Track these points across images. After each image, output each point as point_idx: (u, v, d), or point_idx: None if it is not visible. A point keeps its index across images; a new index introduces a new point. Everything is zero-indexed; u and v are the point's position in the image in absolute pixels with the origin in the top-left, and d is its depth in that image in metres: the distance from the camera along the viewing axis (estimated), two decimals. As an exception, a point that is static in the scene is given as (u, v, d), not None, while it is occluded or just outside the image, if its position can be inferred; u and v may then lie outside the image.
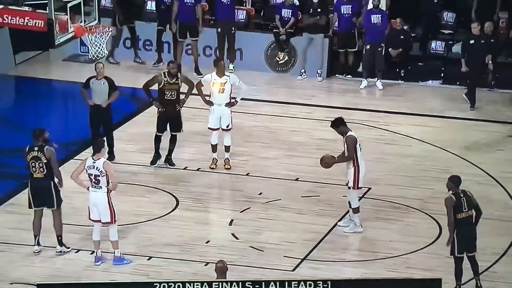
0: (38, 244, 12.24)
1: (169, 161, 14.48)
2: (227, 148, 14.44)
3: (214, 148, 14.45)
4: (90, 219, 12.06)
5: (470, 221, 11.33)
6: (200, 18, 17.86)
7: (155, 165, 14.43)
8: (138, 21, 18.47)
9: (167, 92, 14.06)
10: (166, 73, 14.10)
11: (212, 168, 14.43)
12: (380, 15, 17.14)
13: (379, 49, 17.20)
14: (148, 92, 14.28)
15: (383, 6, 18.03)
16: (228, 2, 18.00)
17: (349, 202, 12.87)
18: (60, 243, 12.25)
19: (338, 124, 12.76)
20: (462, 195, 11.29)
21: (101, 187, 11.83)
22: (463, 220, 11.27)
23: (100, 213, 11.89)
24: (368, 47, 17.23)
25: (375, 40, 17.17)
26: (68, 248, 12.30)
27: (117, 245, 12.02)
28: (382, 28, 17.17)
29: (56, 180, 12.24)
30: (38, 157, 12.03)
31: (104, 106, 14.21)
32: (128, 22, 18.32)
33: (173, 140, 14.43)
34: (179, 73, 14.30)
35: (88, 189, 11.96)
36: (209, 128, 14.43)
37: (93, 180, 11.84)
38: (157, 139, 14.41)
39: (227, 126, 14.34)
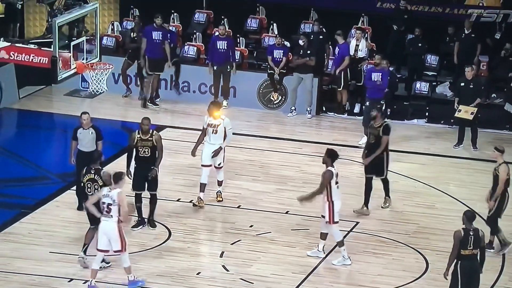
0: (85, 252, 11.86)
1: (151, 222, 13.09)
2: (219, 183, 13.73)
3: (202, 187, 13.50)
4: (97, 248, 11.39)
5: (474, 258, 10.52)
6: (168, 54, 17.34)
7: (138, 229, 12.93)
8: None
9: (140, 149, 12.79)
10: (139, 130, 12.93)
11: (194, 205, 13.45)
12: (380, 74, 16.29)
13: (378, 106, 16.39)
14: (129, 160, 12.93)
15: (363, 50, 17.49)
16: (224, 50, 17.52)
17: (339, 241, 12.13)
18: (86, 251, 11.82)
19: (330, 155, 12.10)
20: (471, 233, 10.50)
21: (112, 216, 11.25)
22: (466, 257, 10.48)
23: (111, 241, 11.30)
24: (367, 103, 16.39)
25: (376, 98, 16.27)
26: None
27: (129, 270, 11.47)
28: (383, 86, 16.29)
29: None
30: (95, 180, 11.66)
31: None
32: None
33: (153, 201, 13.04)
34: (152, 130, 12.96)
35: (100, 218, 11.34)
36: (202, 165, 13.55)
37: (106, 208, 11.27)
38: (139, 199, 12.95)
39: (219, 165, 13.59)
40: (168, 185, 14.06)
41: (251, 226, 13.10)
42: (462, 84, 16.20)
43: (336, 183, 12.03)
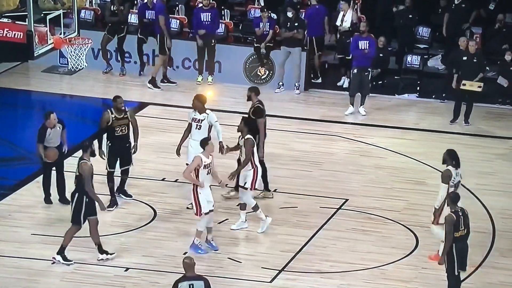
0: (101, 252, 12.06)
1: (124, 192, 13.62)
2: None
3: None
4: None
5: (465, 237, 11.07)
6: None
7: (112, 208, 13.35)
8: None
9: (117, 129, 13.20)
10: (112, 109, 13.27)
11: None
12: (368, 41, 16.65)
13: (366, 73, 16.73)
14: (100, 141, 13.28)
15: (347, 22, 17.75)
16: (208, 22, 17.79)
17: (242, 204, 12.70)
18: (101, 250, 12.02)
19: (246, 123, 12.81)
20: (460, 214, 11.03)
21: None
22: (459, 238, 11.01)
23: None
24: (355, 71, 16.69)
25: (362, 65, 16.59)
26: (112, 253, 12.03)
27: (199, 234, 12.20)
28: (370, 54, 16.61)
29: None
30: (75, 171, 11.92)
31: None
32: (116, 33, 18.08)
33: (126, 172, 13.56)
34: (126, 107, 13.36)
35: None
36: (187, 164, 13.29)
37: None
38: (111, 178, 13.36)
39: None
40: (152, 164, 14.41)
41: (238, 205, 13.51)
42: (465, 58, 16.11)
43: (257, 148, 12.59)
